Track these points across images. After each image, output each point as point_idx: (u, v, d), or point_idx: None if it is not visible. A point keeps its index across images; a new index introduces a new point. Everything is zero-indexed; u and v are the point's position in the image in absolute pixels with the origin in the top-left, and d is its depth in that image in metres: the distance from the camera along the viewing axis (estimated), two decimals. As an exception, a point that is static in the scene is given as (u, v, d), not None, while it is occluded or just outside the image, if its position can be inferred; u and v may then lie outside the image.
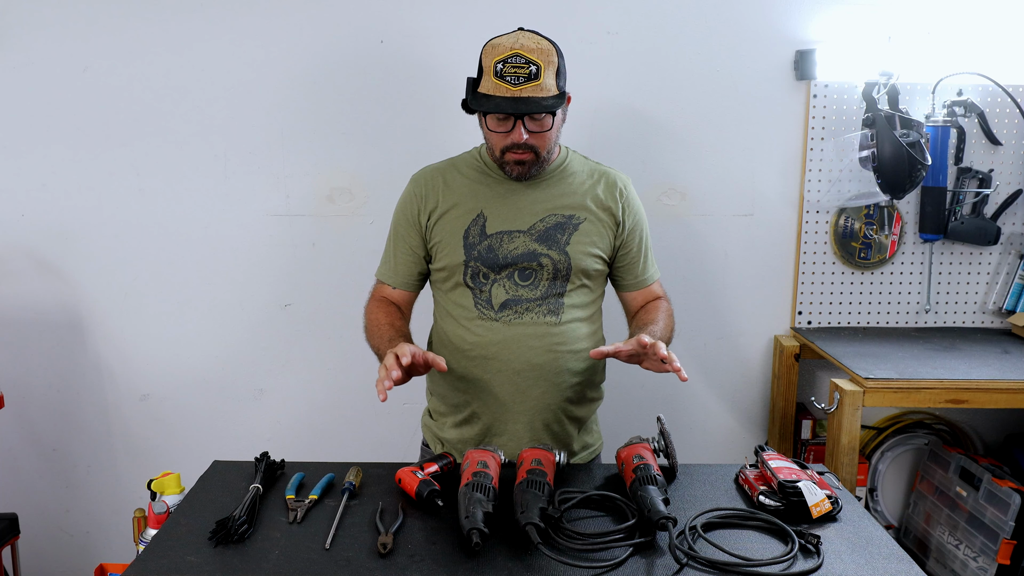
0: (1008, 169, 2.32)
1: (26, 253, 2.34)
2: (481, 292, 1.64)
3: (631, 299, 1.78)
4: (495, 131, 1.58)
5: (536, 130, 1.56)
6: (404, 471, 1.44)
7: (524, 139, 1.56)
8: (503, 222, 1.65)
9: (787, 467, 1.42)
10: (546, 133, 1.58)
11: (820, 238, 2.37)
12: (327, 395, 2.43)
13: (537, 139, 1.58)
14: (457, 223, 1.66)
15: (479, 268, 1.63)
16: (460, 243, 1.65)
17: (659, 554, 1.23)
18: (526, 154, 1.58)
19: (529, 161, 1.60)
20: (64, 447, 2.46)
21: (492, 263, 1.63)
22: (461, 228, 1.65)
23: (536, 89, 1.52)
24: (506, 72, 1.52)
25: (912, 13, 2.26)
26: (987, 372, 1.98)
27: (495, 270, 1.63)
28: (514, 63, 1.52)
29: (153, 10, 2.22)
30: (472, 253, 1.63)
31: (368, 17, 2.23)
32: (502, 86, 1.52)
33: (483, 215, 1.65)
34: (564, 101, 1.58)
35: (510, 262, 1.63)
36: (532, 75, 1.52)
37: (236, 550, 1.26)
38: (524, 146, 1.57)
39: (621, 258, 1.73)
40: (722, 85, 2.29)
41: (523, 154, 1.58)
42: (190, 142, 2.28)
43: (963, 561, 2.19)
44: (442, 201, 1.68)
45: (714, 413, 2.48)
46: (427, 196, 1.69)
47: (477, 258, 1.63)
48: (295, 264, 2.36)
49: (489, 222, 1.64)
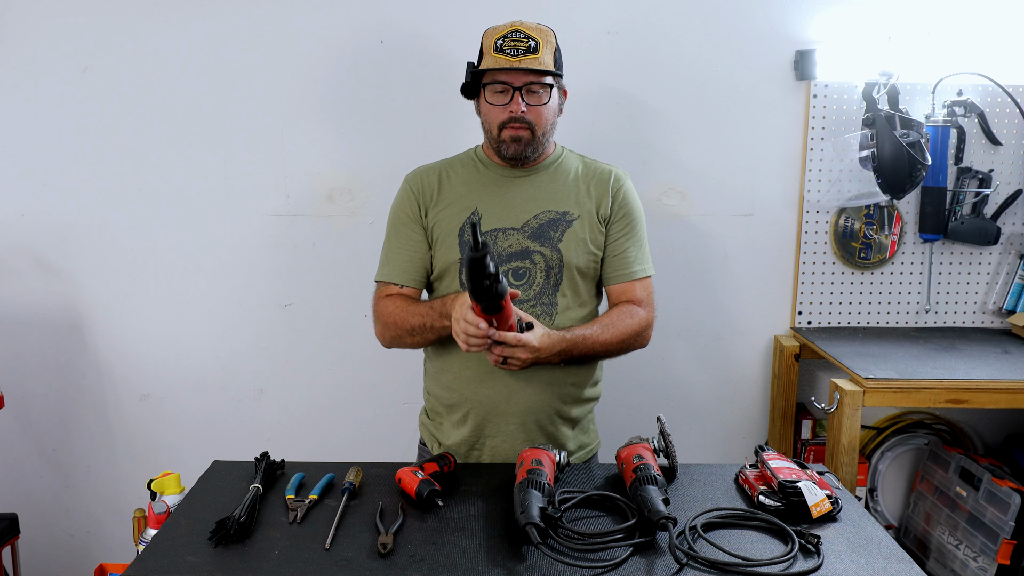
0: (1008, 169, 2.32)
1: (26, 253, 2.34)
2: None
3: (609, 292, 1.74)
4: (494, 104, 1.60)
5: (534, 103, 1.59)
6: (404, 471, 1.44)
7: (522, 110, 1.58)
8: (497, 220, 1.65)
9: (787, 467, 1.42)
10: (543, 109, 1.60)
11: (820, 238, 2.37)
12: (327, 395, 2.43)
13: (534, 115, 1.60)
14: (452, 221, 1.66)
15: None
16: (455, 241, 1.65)
17: (659, 554, 1.23)
18: (523, 129, 1.60)
19: (526, 138, 1.61)
20: (64, 447, 2.46)
21: None
22: (456, 226, 1.66)
23: (535, 62, 1.56)
24: (506, 46, 1.57)
25: (912, 13, 2.25)
26: (987, 372, 1.98)
27: None
28: (514, 37, 1.57)
29: (153, 10, 2.22)
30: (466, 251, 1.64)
31: (368, 17, 2.23)
32: (502, 59, 1.57)
33: (477, 212, 1.66)
34: (561, 80, 1.62)
35: (504, 260, 1.63)
36: (531, 48, 1.56)
37: (236, 550, 1.26)
38: (522, 120, 1.59)
39: (605, 249, 1.70)
40: (722, 85, 2.29)
41: (520, 129, 1.60)
42: (190, 142, 2.28)
43: (963, 561, 2.19)
44: (437, 199, 1.69)
45: (714, 413, 2.48)
46: (423, 193, 1.70)
47: None
48: (295, 264, 2.36)
49: (484, 220, 1.65)
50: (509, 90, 1.58)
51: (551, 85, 1.62)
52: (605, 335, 1.62)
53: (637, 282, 1.71)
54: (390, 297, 1.69)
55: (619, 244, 1.70)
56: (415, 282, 1.71)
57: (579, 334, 1.58)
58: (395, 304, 1.66)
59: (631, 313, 1.67)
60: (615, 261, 1.70)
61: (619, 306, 1.70)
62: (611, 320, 1.64)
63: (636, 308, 1.68)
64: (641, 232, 1.73)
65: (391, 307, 1.66)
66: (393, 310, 1.65)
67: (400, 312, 1.64)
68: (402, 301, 1.66)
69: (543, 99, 1.60)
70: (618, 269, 1.70)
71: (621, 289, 1.71)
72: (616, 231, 1.69)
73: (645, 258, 1.73)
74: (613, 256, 1.70)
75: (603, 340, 1.61)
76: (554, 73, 1.60)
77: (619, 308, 1.69)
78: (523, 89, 1.58)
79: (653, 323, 1.72)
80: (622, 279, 1.70)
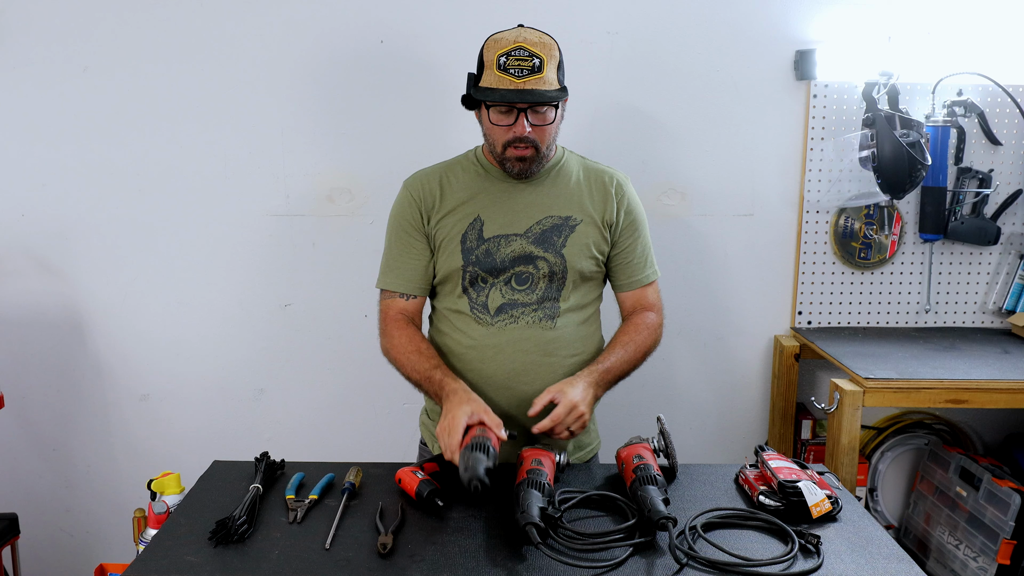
0: (1008, 169, 2.32)
1: (26, 253, 2.34)
2: (478, 297, 1.64)
3: (623, 300, 1.76)
4: (498, 125, 1.57)
5: (538, 123, 1.56)
6: (404, 471, 1.44)
7: (527, 132, 1.55)
8: (500, 226, 1.64)
9: (787, 467, 1.42)
10: (547, 127, 1.58)
11: (820, 238, 2.37)
12: (327, 395, 2.43)
13: (539, 133, 1.57)
14: (454, 228, 1.65)
15: (477, 272, 1.63)
16: (458, 248, 1.64)
17: (659, 554, 1.23)
18: (527, 149, 1.58)
19: (530, 157, 1.59)
20: (64, 447, 2.46)
21: (490, 267, 1.62)
22: (458, 233, 1.64)
23: (539, 82, 1.53)
24: (510, 65, 1.52)
25: (912, 13, 2.25)
26: (987, 372, 1.98)
27: (493, 274, 1.62)
28: (518, 56, 1.52)
29: (153, 10, 2.22)
30: (470, 258, 1.63)
31: (368, 17, 2.23)
32: (506, 79, 1.53)
33: (480, 219, 1.64)
34: (565, 96, 1.58)
35: (507, 265, 1.62)
36: (535, 68, 1.52)
37: (236, 550, 1.26)
38: (526, 140, 1.56)
39: (615, 257, 1.71)
40: (722, 85, 2.29)
41: (525, 149, 1.58)
42: (190, 142, 2.28)
43: (963, 561, 2.19)
44: (439, 206, 1.67)
45: (714, 413, 2.48)
46: (424, 199, 1.67)
47: (475, 263, 1.62)
48: (295, 264, 2.35)
49: (486, 226, 1.64)
50: (513, 110, 1.55)
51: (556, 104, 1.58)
52: (628, 354, 1.66)
53: (648, 287, 1.74)
54: (399, 327, 1.67)
55: (628, 252, 1.71)
56: (420, 290, 1.70)
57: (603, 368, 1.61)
58: (402, 342, 1.64)
59: (647, 325, 1.70)
60: (626, 269, 1.72)
61: (633, 320, 1.72)
62: (630, 338, 1.68)
63: (649, 315, 1.72)
64: (646, 235, 1.75)
65: (399, 341, 1.65)
66: (400, 350, 1.64)
67: (404, 356, 1.63)
68: (409, 341, 1.64)
69: (548, 118, 1.57)
70: (630, 276, 1.72)
71: (635, 297, 1.74)
72: (625, 239, 1.71)
73: (652, 261, 1.76)
74: (624, 264, 1.72)
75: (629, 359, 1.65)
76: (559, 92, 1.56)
77: (634, 323, 1.71)
78: (528, 110, 1.55)
79: (661, 331, 1.75)
80: (635, 286, 1.73)
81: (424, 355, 1.62)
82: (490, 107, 1.57)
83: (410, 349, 1.62)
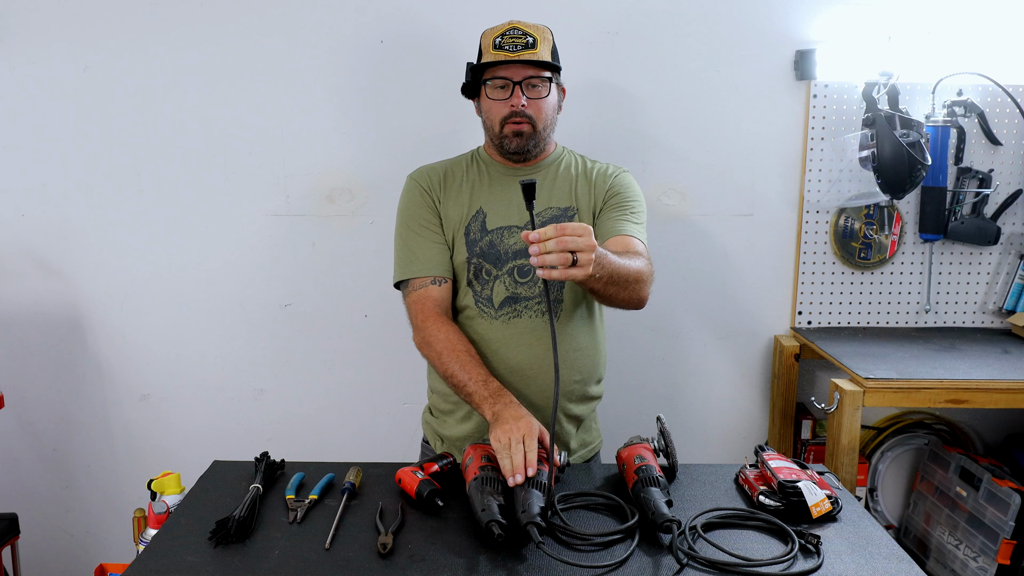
0: (1008, 169, 2.32)
1: (26, 253, 2.34)
2: (482, 291, 1.65)
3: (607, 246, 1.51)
4: (495, 100, 1.62)
5: (534, 97, 1.62)
6: (404, 471, 1.44)
7: (523, 104, 1.60)
8: (502, 218, 1.67)
9: (787, 467, 1.42)
10: (543, 102, 1.63)
11: (820, 238, 2.37)
12: (327, 395, 2.42)
13: (535, 108, 1.62)
14: (458, 221, 1.68)
15: (481, 264, 1.65)
16: (462, 240, 1.66)
17: (659, 554, 1.23)
18: (524, 124, 1.62)
19: (527, 132, 1.63)
20: (64, 447, 2.46)
21: (494, 259, 1.64)
22: (462, 225, 1.67)
23: (533, 55, 1.60)
24: (505, 43, 1.60)
25: (912, 13, 2.25)
26: (987, 372, 1.98)
27: (496, 266, 1.64)
28: (511, 35, 1.61)
29: (153, 10, 2.22)
30: (475, 250, 1.66)
31: (368, 17, 2.23)
32: (501, 54, 1.60)
33: (482, 211, 1.68)
34: (559, 75, 1.64)
35: (511, 257, 1.64)
36: (529, 44, 1.60)
37: (236, 550, 1.26)
38: (523, 115, 1.61)
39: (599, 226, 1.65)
40: (722, 85, 2.29)
41: (521, 123, 1.62)
42: (190, 142, 2.28)
43: (963, 561, 2.19)
44: (443, 197, 1.70)
45: (714, 413, 2.48)
46: (432, 189, 1.71)
47: (480, 254, 1.65)
48: (295, 264, 2.35)
49: (489, 218, 1.67)
50: (509, 85, 1.61)
51: (550, 80, 1.64)
52: (619, 258, 1.45)
53: (630, 237, 1.61)
54: (442, 320, 1.60)
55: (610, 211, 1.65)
56: (449, 273, 1.65)
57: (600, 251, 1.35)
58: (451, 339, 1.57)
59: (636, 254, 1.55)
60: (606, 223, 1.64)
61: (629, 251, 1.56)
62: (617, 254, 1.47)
63: (639, 254, 1.57)
64: (640, 213, 1.68)
65: (445, 335, 1.57)
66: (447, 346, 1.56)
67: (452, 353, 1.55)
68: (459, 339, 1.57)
69: (543, 93, 1.63)
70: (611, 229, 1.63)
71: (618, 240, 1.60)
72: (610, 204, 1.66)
73: (642, 231, 1.65)
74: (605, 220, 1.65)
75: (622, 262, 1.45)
76: (553, 66, 1.63)
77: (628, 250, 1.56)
78: (523, 83, 1.61)
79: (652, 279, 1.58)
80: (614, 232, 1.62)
81: (475, 359, 1.56)
82: (487, 83, 1.62)
83: (460, 348, 1.56)
